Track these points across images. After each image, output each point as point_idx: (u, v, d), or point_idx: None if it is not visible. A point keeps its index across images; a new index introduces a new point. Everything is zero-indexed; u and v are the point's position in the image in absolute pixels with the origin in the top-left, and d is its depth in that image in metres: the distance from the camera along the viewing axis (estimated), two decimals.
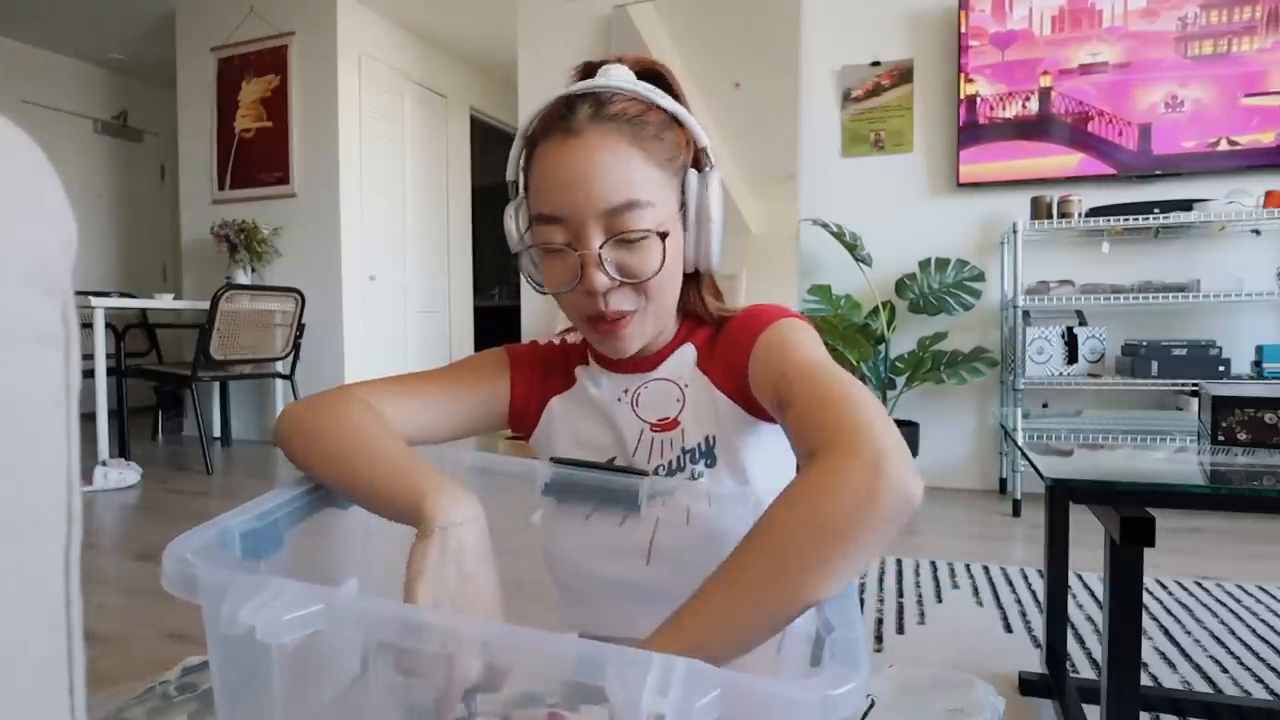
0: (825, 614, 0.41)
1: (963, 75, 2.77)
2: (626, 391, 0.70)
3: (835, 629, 0.39)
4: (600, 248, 0.59)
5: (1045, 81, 2.69)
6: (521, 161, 0.66)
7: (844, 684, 0.33)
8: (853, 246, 2.72)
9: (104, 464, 2.91)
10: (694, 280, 0.69)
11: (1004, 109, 2.75)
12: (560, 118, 0.60)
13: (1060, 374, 2.57)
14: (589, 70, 0.65)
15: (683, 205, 0.64)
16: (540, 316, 3.47)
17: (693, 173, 0.64)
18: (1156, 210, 2.40)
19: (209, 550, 0.46)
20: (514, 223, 0.66)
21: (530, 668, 0.39)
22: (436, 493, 0.52)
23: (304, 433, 0.61)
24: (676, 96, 0.66)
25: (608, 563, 0.68)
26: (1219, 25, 2.55)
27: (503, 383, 0.74)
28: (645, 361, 0.70)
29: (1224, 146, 2.55)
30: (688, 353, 0.70)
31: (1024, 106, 2.72)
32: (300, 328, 3.74)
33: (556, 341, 0.78)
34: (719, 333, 0.70)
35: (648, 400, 0.69)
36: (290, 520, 0.57)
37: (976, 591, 1.76)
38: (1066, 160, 2.69)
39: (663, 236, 0.60)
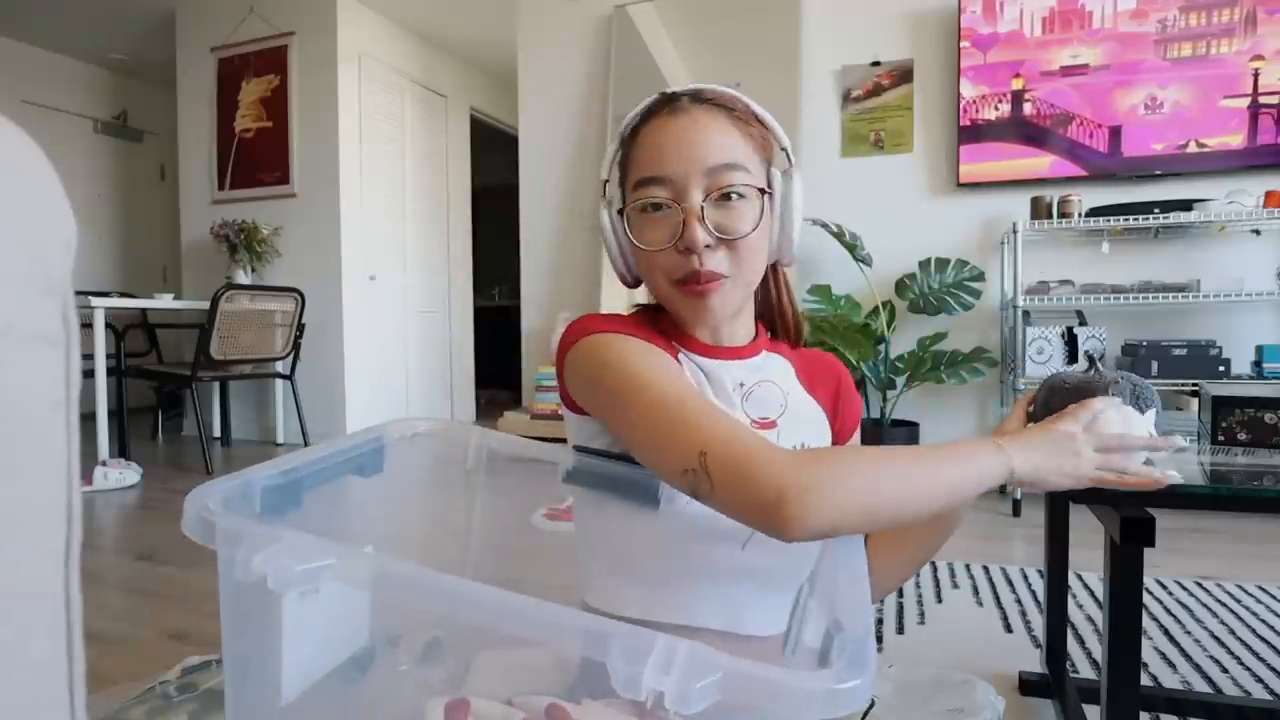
0: (836, 614, 0.41)
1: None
2: (743, 385, 0.70)
3: (845, 628, 0.39)
4: (702, 203, 0.64)
5: (1017, 84, 2.71)
6: (618, 158, 0.72)
7: (850, 679, 0.34)
8: (853, 246, 2.72)
9: (104, 464, 2.91)
10: (775, 275, 0.77)
11: (980, 111, 2.76)
12: (665, 102, 0.68)
13: None
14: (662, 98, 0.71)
15: (768, 194, 0.68)
16: (541, 316, 3.47)
17: (775, 170, 0.70)
18: (1156, 210, 2.40)
19: (229, 501, 0.48)
20: (608, 217, 0.71)
21: (537, 639, 0.39)
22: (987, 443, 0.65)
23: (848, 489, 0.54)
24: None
25: (700, 547, 0.65)
26: (1198, 27, 2.55)
27: None
28: (745, 349, 0.73)
29: (1197, 149, 2.55)
30: (782, 364, 0.75)
31: (997, 109, 2.73)
32: (300, 328, 3.74)
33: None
34: (798, 353, 0.78)
35: (758, 398, 0.71)
36: (312, 482, 0.57)
37: (976, 591, 1.76)
38: (1039, 162, 2.70)
39: (761, 193, 0.66)
